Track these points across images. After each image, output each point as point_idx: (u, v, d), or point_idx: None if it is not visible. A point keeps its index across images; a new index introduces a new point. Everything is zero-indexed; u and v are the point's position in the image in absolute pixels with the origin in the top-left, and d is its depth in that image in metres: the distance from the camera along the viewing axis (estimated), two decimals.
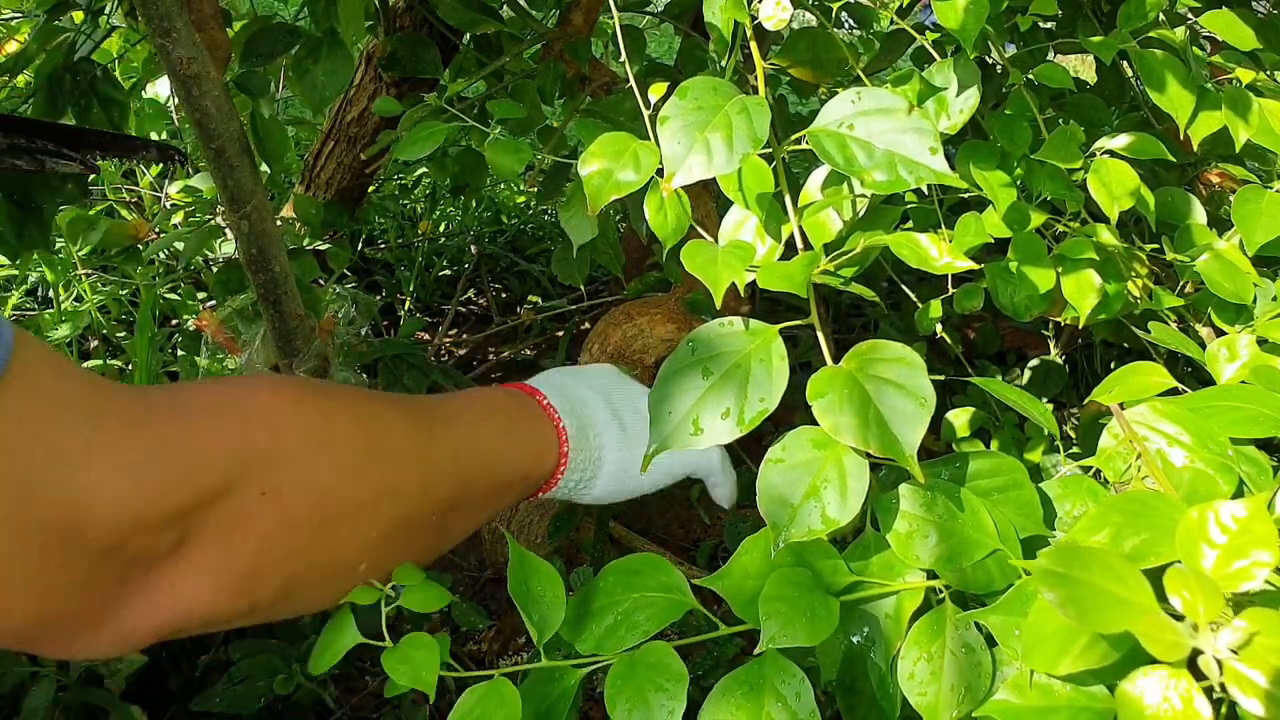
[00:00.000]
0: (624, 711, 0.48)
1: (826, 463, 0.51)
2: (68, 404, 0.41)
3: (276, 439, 0.48)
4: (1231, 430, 0.56)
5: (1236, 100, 0.75)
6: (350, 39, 1.04)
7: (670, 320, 0.98)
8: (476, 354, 1.50)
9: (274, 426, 0.48)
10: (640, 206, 0.62)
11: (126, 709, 0.75)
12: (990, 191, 0.72)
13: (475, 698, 0.48)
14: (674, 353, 0.55)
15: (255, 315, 0.96)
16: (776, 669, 0.48)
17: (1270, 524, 0.41)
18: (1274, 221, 0.75)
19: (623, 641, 0.51)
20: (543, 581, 0.52)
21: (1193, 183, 1.03)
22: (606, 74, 1.03)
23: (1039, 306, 0.74)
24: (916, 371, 0.51)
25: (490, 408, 0.64)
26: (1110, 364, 1.21)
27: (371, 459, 0.52)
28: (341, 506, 0.50)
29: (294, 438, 0.49)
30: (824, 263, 0.58)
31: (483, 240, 1.78)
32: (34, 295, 1.49)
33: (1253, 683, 0.37)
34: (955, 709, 0.48)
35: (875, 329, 1.39)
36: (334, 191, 1.30)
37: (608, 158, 0.59)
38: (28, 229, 0.91)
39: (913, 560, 0.51)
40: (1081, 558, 0.41)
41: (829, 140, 0.57)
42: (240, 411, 0.48)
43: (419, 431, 0.56)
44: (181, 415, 0.45)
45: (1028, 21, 0.75)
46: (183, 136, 1.62)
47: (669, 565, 0.54)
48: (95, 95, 0.91)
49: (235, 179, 0.81)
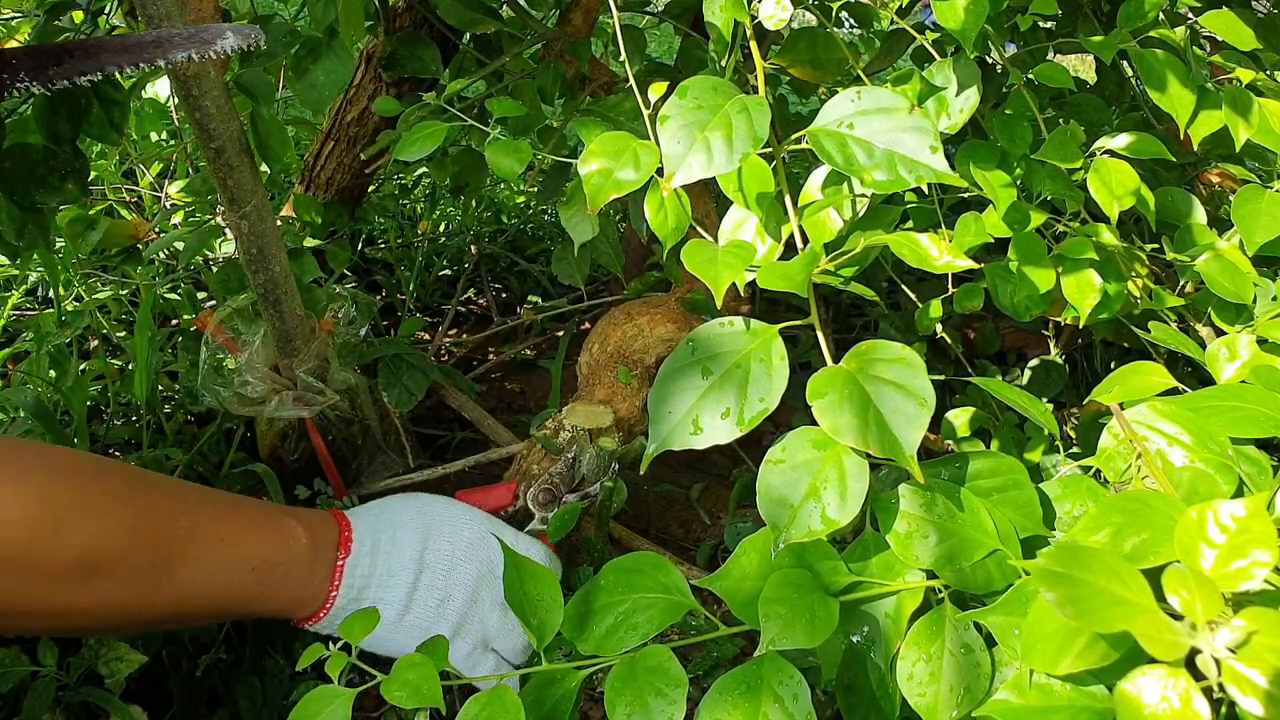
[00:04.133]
0: (624, 715, 0.48)
1: (826, 463, 0.51)
2: None
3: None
4: (1231, 430, 0.56)
5: (1236, 100, 0.75)
6: (350, 39, 1.04)
7: (670, 320, 0.98)
8: (476, 354, 1.50)
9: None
10: (640, 206, 0.62)
11: (126, 709, 0.75)
12: (990, 191, 0.72)
13: (478, 706, 0.48)
14: (674, 352, 0.55)
15: (255, 315, 0.96)
16: (774, 670, 0.48)
17: (1269, 523, 0.41)
18: (1274, 221, 0.75)
19: (623, 643, 0.51)
20: (539, 585, 0.52)
21: (1193, 183, 1.03)
22: (606, 74, 1.03)
23: (1039, 306, 0.74)
24: (916, 372, 0.51)
25: (262, 541, 0.63)
26: (1110, 364, 1.21)
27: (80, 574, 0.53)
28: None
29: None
30: (824, 262, 0.58)
31: (483, 240, 1.78)
32: (34, 295, 1.49)
33: (1251, 682, 0.37)
34: (954, 709, 0.48)
35: (875, 329, 1.39)
36: (334, 191, 1.29)
37: (607, 157, 0.59)
38: (28, 229, 0.91)
39: (912, 560, 0.51)
40: (1081, 557, 0.41)
41: (829, 140, 0.57)
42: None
43: (147, 552, 0.57)
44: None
45: (1028, 21, 0.75)
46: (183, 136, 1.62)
47: (669, 565, 0.54)
48: (95, 95, 0.91)
49: (235, 179, 0.81)
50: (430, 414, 1.27)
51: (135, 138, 1.67)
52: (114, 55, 0.57)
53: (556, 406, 1.15)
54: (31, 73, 0.56)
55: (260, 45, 0.60)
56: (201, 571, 0.59)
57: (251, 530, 0.63)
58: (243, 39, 0.59)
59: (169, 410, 1.14)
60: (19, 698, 0.74)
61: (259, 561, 0.62)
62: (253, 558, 0.62)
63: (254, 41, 0.60)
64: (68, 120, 0.90)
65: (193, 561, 0.59)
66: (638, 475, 0.82)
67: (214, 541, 0.60)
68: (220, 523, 0.61)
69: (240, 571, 0.61)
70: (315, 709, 0.50)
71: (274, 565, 0.63)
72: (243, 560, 0.61)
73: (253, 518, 0.64)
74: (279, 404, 0.94)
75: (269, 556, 0.63)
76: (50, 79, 0.56)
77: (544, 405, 1.35)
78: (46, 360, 1.09)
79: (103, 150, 1.62)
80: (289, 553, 0.64)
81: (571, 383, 1.06)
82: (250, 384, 0.94)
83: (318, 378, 0.96)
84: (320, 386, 0.95)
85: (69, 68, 0.57)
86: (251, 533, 0.62)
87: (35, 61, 0.56)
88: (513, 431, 1.16)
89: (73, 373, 1.07)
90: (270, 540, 0.63)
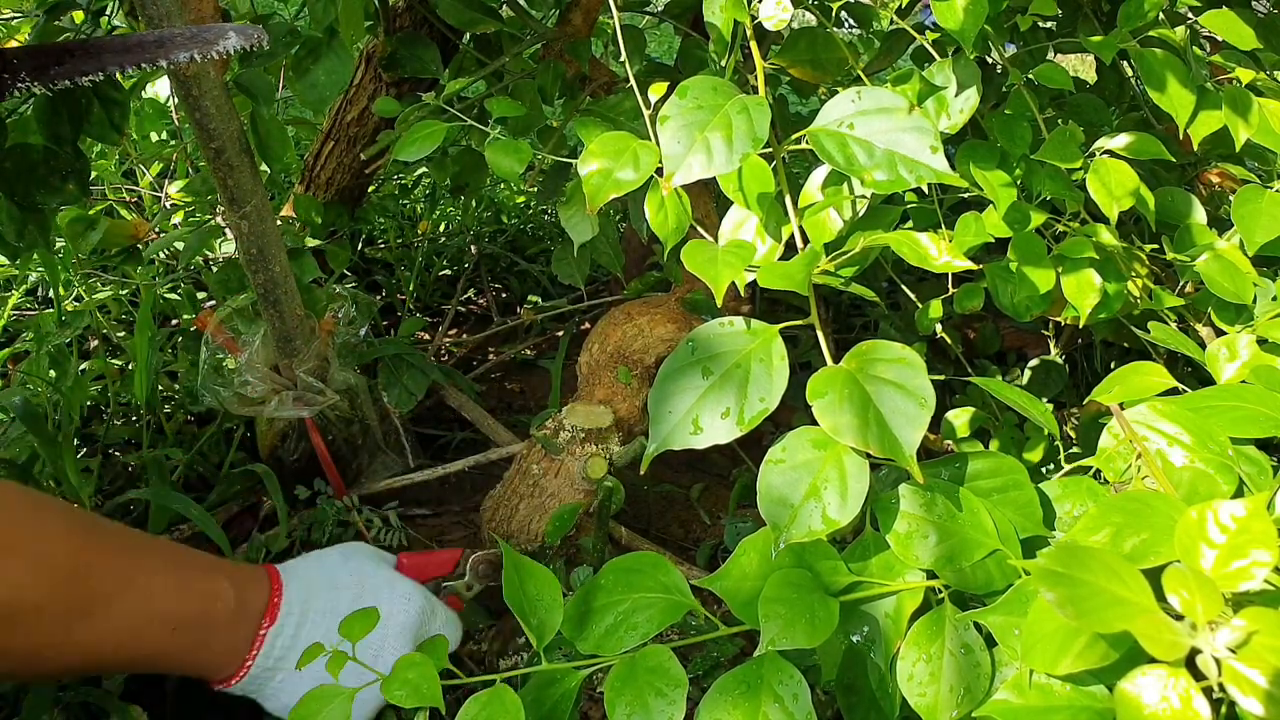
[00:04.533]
0: (624, 715, 0.48)
1: (827, 463, 0.51)
2: None
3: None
4: (1231, 430, 0.56)
5: (1236, 100, 0.75)
6: (350, 39, 1.04)
7: (670, 320, 0.98)
8: (476, 354, 1.50)
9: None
10: (640, 206, 0.62)
11: (126, 709, 0.75)
12: (990, 191, 0.72)
13: (478, 706, 0.48)
14: (674, 352, 0.55)
15: (255, 315, 0.96)
16: (774, 669, 0.48)
17: (1269, 523, 0.41)
18: (1274, 221, 0.75)
19: (623, 642, 0.51)
20: (539, 585, 0.52)
21: (1193, 183, 1.03)
22: (606, 74, 1.03)
23: (1039, 306, 0.74)
24: (916, 371, 0.51)
25: (188, 599, 0.61)
26: (1110, 364, 1.21)
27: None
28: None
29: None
30: (824, 262, 0.58)
31: (483, 240, 1.78)
32: (34, 295, 1.49)
33: (1251, 681, 0.37)
34: (954, 709, 0.48)
35: (875, 329, 1.39)
36: (334, 191, 1.30)
37: (607, 157, 0.59)
38: (28, 229, 0.91)
39: (912, 561, 0.51)
40: (1081, 557, 0.41)
41: (829, 139, 0.57)
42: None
43: (74, 592, 0.55)
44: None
45: (1028, 21, 0.75)
46: (183, 136, 1.62)
47: (669, 564, 0.54)
48: (95, 95, 0.91)
49: (235, 179, 0.81)
50: (430, 414, 1.27)
51: (135, 138, 1.67)
52: (116, 55, 0.57)
53: (556, 406, 1.15)
54: (32, 73, 0.56)
55: (263, 45, 0.60)
56: (121, 624, 0.58)
57: (181, 589, 0.61)
58: (245, 39, 0.59)
59: (169, 410, 1.14)
60: (19, 698, 0.74)
61: (180, 622, 0.61)
62: (176, 617, 0.60)
63: (256, 41, 0.60)
64: (68, 120, 0.90)
65: (114, 613, 0.57)
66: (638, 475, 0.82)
67: (141, 596, 0.59)
68: (152, 577, 0.60)
69: (162, 629, 0.60)
70: (315, 708, 0.50)
71: (196, 627, 0.62)
72: (166, 618, 0.60)
73: (185, 576, 0.62)
74: (279, 404, 0.94)
75: (193, 618, 0.61)
76: (51, 79, 0.56)
77: (544, 405, 1.35)
78: (46, 360, 1.09)
79: (103, 150, 1.62)
80: (213, 616, 0.63)
81: (571, 383, 1.06)
82: (250, 384, 0.94)
83: (318, 378, 0.96)
84: (320, 386, 0.95)
85: (70, 68, 0.56)
86: (180, 590, 0.61)
87: (36, 61, 0.56)
88: (513, 431, 1.16)
89: (73, 373, 1.07)
90: (197, 600, 0.62)
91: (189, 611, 0.61)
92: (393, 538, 1.00)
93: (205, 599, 0.62)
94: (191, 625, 0.61)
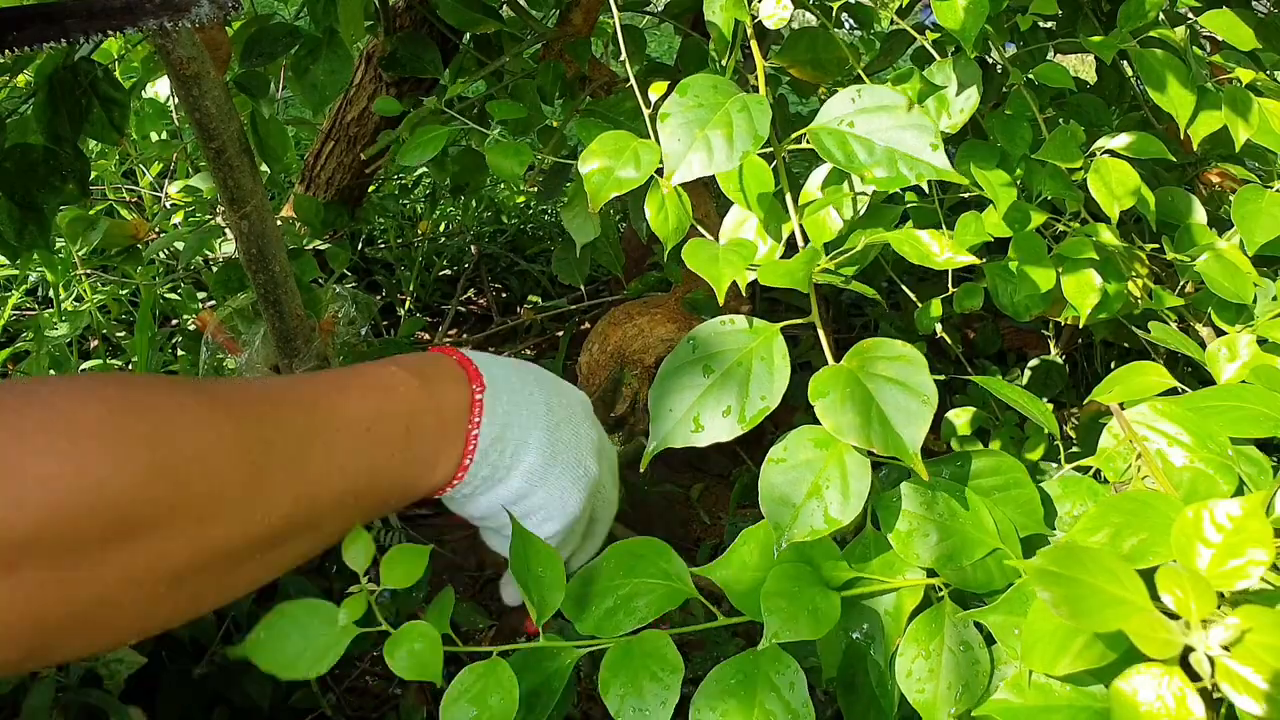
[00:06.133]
0: (618, 697, 0.48)
1: (828, 462, 0.51)
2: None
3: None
4: (1231, 430, 0.56)
5: (1236, 100, 0.75)
6: (350, 39, 1.04)
7: (670, 320, 0.99)
8: None
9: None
10: (640, 206, 0.62)
11: (125, 710, 0.75)
12: (990, 191, 0.72)
13: (474, 676, 0.48)
14: (675, 351, 0.55)
15: (255, 315, 0.96)
16: (771, 658, 0.48)
17: (1266, 523, 0.41)
18: (1274, 221, 0.75)
19: (621, 626, 0.51)
20: (543, 563, 0.52)
21: (1193, 183, 1.03)
22: (606, 74, 1.03)
23: (1039, 306, 0.74)
24: (918, 369, 0.51)
25: (382, 400, 0.51)
26: (1110, 364, 1.21)
27: (158, 472, 0.39)
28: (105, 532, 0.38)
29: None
30: (824, 261, 0.58)
31: (483, 240, 1.78)
32: (34, 295, 1.49)
33: (1245, 680, 0.37)
34: (952, 706, 0.48)
35: (875, 329, 1.39)
36: (334, 191, 1.30)
37: (608, 156, 0.59)
38: (28, 229, 0.91)
39: (914, 559, 0.51)
40: (1077, 557, 0.41)
41: (829, 137, 0.57)
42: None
43: (247, 435, 0.44)
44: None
45: (1028, 21, 0.75)
46: (183, 136, 1.63)
47: (670, 551, 0.54)
48: (95, 95, 0.91)
49: (235, 179, 0.81)
50: None
51: (135, 138, 1.68)
52: (80, 22, 0.54)
53: None
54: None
55: (237, 11, 0.57)
56: (334, 448, 0.47)
57: (361, 388, 0.51)
58: (218, 7, 0.57)
59: None
60: (19, 698, 0.74)
61: (372, 417, 0.50)
62: (366, 415, 0.50)
63: (229, 9, 0.57)
64: (68, 120, 0.90)
65: (325, 450, 0.47)
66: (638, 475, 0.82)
67: (328, 407, 0.48)
68: (327, 391, 0.49)
69: (370, 443, 0.49)
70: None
71: (390, 417, 0.51)
72: (355, 420, 0.49)
73: (352, 379, 0.52)
74: None
75: (383, 410, 0.50)
76: (10, 44, 0.53)
77: None
78: (47, 360, 1.09)
79: (103, 150, 1.62)
80: (404, 398, 0.52)
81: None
82: None
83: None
84: None
85: (31, 33, 0.53)
86: (361, 393, 0.50)
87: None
88: None
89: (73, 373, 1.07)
90: (380, 392, 0.51)
91: (389, 422, 0.50)
92: (393, 538, 1.00)
93: (389, 383, 0.52)
94: (393, 434, 0.50)
